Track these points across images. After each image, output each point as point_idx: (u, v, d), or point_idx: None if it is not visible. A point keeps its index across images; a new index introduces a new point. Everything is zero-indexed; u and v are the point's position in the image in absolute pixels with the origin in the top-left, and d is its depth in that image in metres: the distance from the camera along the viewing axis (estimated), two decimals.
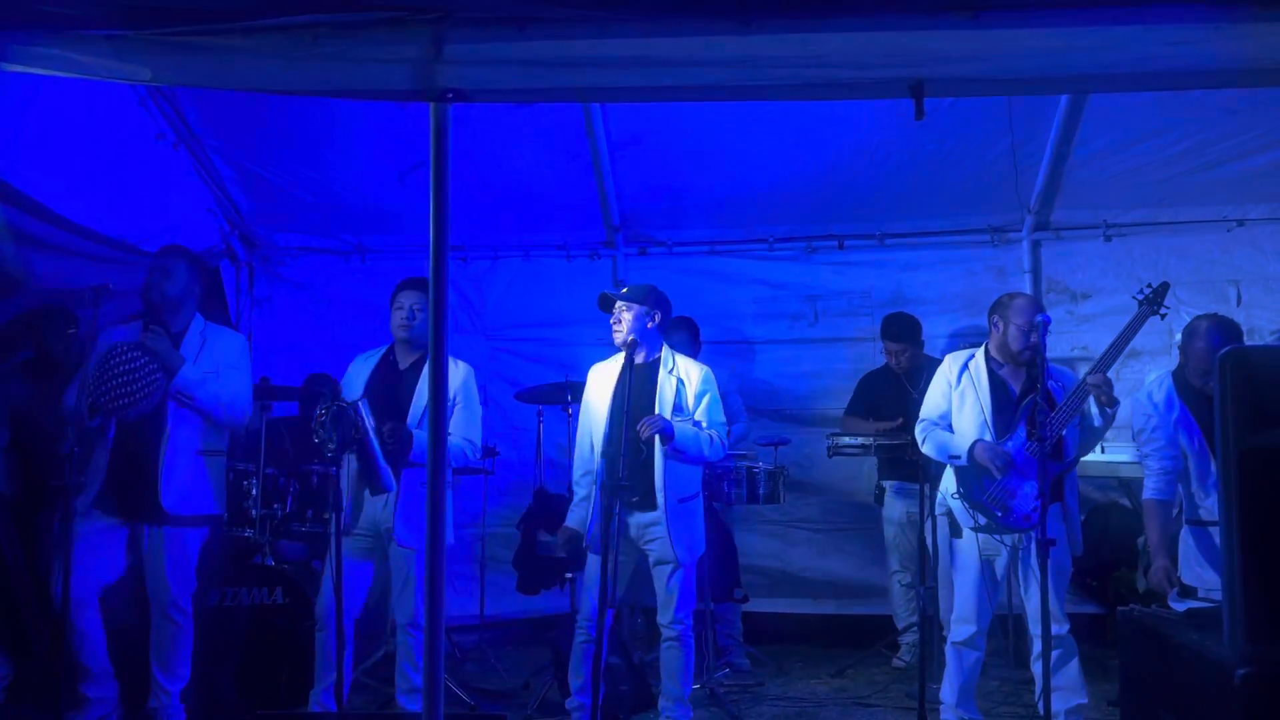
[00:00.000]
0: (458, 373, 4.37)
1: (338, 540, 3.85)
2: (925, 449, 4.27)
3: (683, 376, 4.25)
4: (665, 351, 4.30)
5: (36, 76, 3.21)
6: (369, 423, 4.01)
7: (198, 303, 4.40)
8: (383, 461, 4.07)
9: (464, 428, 4.38)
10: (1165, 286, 4.14)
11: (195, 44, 3.03)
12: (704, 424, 4.20)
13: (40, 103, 4.19)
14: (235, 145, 5.47)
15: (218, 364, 4.30)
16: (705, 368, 4.35)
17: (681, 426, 4.11)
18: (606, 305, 4.26)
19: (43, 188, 4.42)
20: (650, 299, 4.25)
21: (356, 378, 4.41)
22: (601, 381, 4.29)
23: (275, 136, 5.36)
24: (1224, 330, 4.07)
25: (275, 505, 4.71)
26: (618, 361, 4.22)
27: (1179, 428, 4.07)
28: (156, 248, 5.21)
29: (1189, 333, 4.16)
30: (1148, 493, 4.15)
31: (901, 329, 5.53)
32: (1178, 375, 4.19)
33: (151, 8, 2.89)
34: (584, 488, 4.28)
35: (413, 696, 4.21)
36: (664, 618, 4.18)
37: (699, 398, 4.23)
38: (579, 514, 4.27)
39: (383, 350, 4.48)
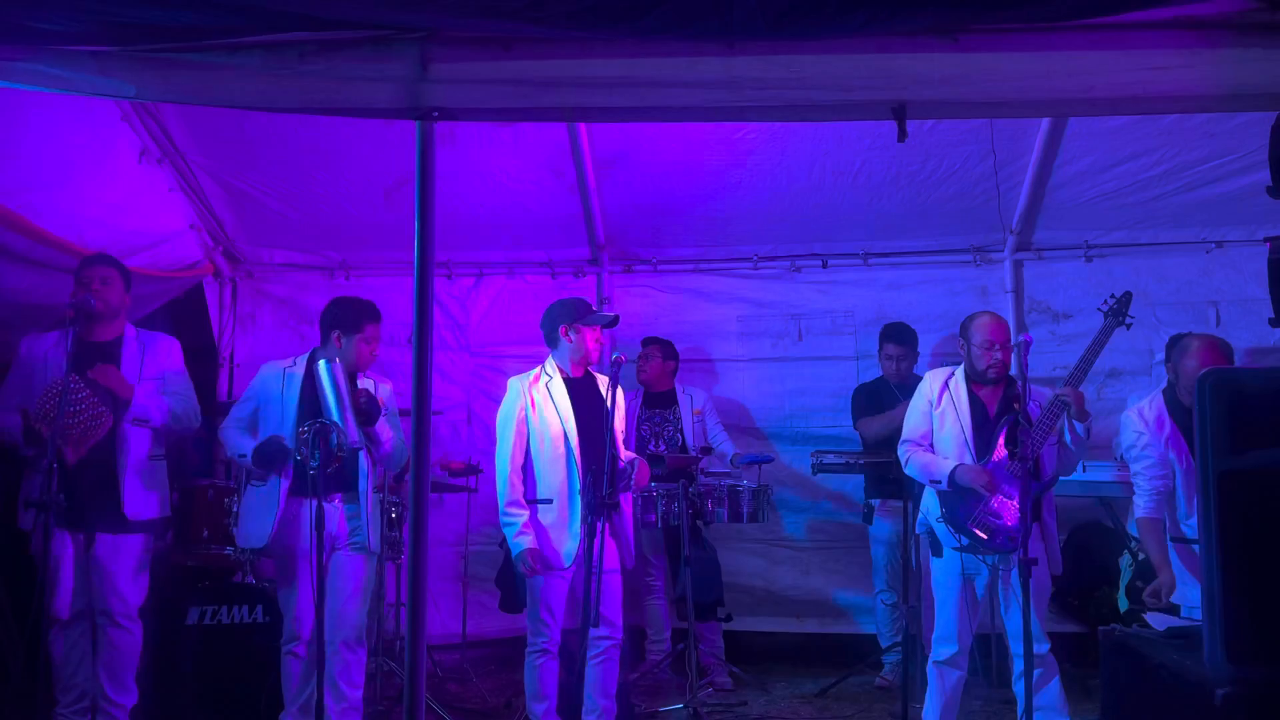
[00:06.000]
0: (385, 387, 4.38)
1: (316, 557, 3.82)
2: (908, 470, 4.28)
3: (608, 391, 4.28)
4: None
5: (20, 91, 3.20)
6: (344, 386, 3.95)
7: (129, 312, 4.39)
8: (354, 423, 3.99)
9: (396, 431, 4.36)
10: (1128, 296, 4.17)
11: (180, 60, 3.03)
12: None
13: (23, 117, 4.17)
14: (220, 161, 5.45)
15: (162, 370, 4.29)
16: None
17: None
18: (610, 324, 4.37)
19: (25, 202, 4.40)
20: None
21: (279, 385, 4.22)
22: (546, 397, 4.21)
23: (260, 153, 5.35)
24: (1215, 349, 4.06)
25: None
26: (546, 376, 4.24)
27: (1170, 446, 4.08)
28: (139, 264, 5.20)
29: (1181, 351, 4.16)
30: (1141, 511, 4.15)
31: (904, 333, 5.60)
32: (1168, 394, 4.20)
33: (137, 24, 2.88)
34: (524, 509, 4.13)
35: (348, 715, 4.13)
36: (607, 629, 4.09)
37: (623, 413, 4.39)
38: (528, 537, 4.10)
39: (302, 360, 4.31)
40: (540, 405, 4.20)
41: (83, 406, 3.95)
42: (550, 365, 4.29)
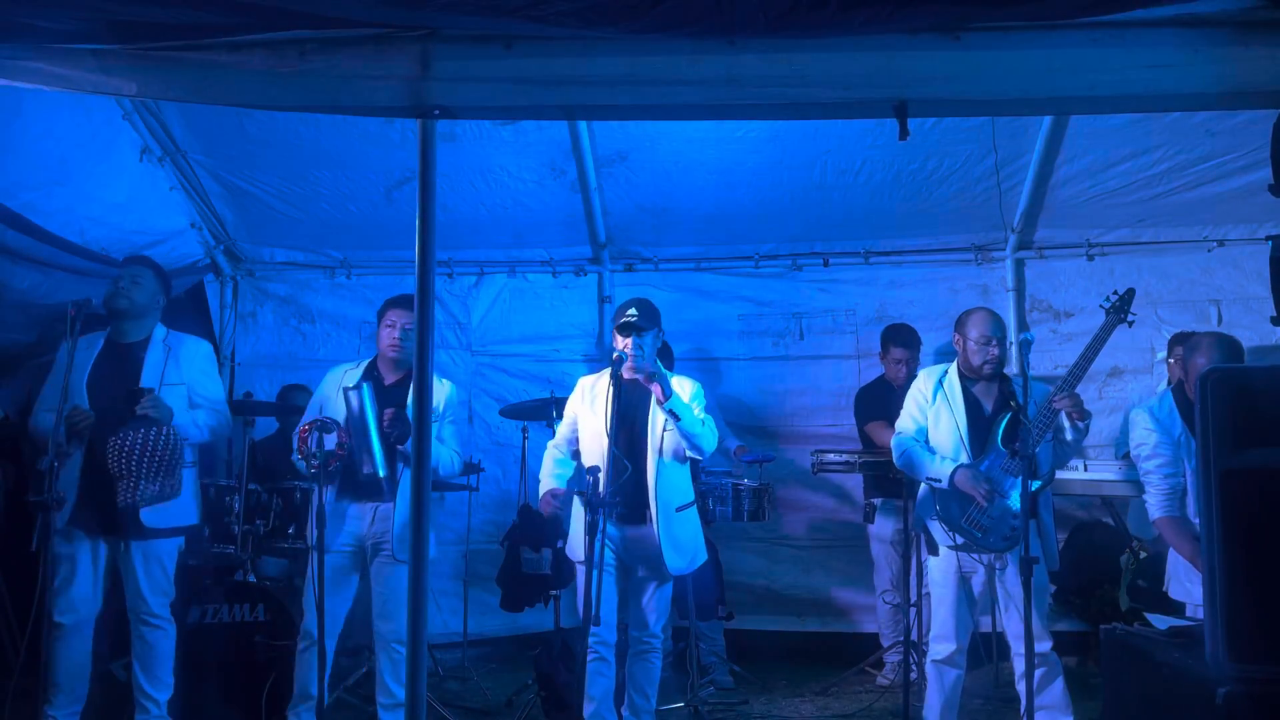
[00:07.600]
0: (443, 389, 4.41)
1: (320, 557, 3.83)
2: (900, 464, 4.26)
3: (675, 390, 4.23)
4: (659, 367, 4.30)
5: (21, 90, 3.20)
6: (372, 409, 4.10)
7: (161, 314, 4.35)
8: (377, 447, 4.10)
9: (451, 440, 4.44)
10: (1130, 293, 4.15)
11: (181, 59, 3.03)
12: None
13: (24, 116, 4.17)
14: (220, 160, 5.45)
15: (187, 375, 4.24)
16: (697, 382, 4.32)
17: (676, 398, 4.08)
18: (627, 332, 4.12)
19: (26, 201, 4.40)
20: (659, 322, 4.22)
21: (336, 390, 4.32)
22: (595, 399, 4.18)
23: (261, 151, 5.35)
24: (1225, 348, 4.02)
25: (258, 521, 4.69)
26: (604, 376, 4.17)
27: (1181, 444, 4.06)
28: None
29: (1191, 349, 4.13)
30: (1159, 511, 4.05)
31: (910, 336, 5.57)
32: (1178, 392, 4.18)
33: (138, 22, 2.88)
34: (561, 453, 4.35)
35: (395, 712, 4.18)
36: (640, 630, 4.18)
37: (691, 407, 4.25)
38: (549, 479, 4.29)
39: (364, 365, 4.44)
40: (590, 403, 4.20)
41: (162, 444, 3.97)
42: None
